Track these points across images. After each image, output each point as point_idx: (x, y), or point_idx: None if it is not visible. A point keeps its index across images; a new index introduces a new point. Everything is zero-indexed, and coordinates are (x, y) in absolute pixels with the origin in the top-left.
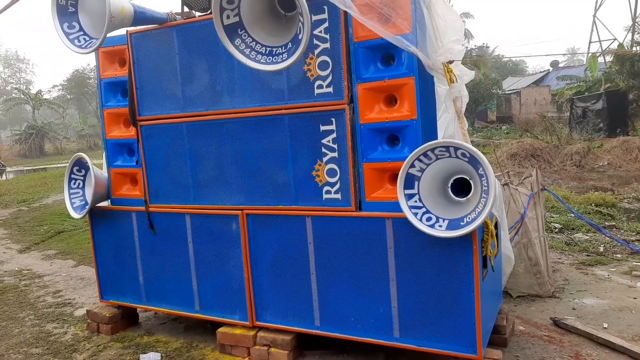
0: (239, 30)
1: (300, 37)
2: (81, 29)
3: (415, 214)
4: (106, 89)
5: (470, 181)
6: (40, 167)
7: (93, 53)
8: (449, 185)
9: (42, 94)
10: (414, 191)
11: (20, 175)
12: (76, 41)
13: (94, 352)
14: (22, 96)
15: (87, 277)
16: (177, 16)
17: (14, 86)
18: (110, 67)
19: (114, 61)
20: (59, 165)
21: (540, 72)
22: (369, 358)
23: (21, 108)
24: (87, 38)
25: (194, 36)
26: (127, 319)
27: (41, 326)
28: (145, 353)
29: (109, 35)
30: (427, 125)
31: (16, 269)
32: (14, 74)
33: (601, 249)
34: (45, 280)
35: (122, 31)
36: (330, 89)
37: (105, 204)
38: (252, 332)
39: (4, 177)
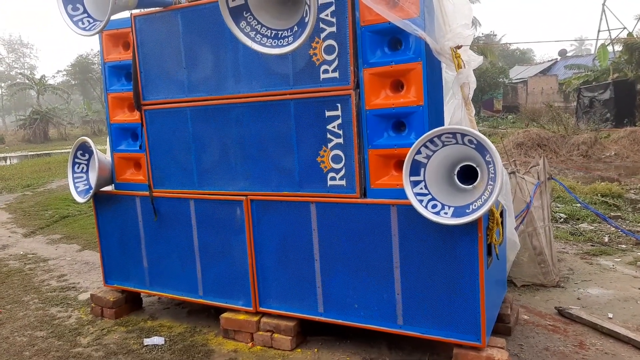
0: (245, 12)
1: (306, 20)
2: (85, 11)
3: (421, 201)
4: (110, 72)
5: (477, 168)
6: (45, 152)
7: (97, 37)
8: (455, 172)
9: (46, 79)
10: (420, 178)
11: (25, 160)
12: (80, 23)
13: (97, 336)
14: (27, 81)
15: (92, 261)
16: None
17: (18, 71)
18: (114, 51)
19: (118, 44)
20: (63, 150)
21: (548, 61)
22: (371, 345)
23: (25, 93)
24: (91, 20)
25: (198, 19)
26: (131, 303)
27: (45, 310)
28: (149, 337)
29: (113, 17)
30: (434, 111)
31: (21, 253)
32: (18, 59)
33: (606, 239)
34: (49, 265)
35: (126, 14)
36: (336, 74)
37: (109, 188)
38: (255, 318)
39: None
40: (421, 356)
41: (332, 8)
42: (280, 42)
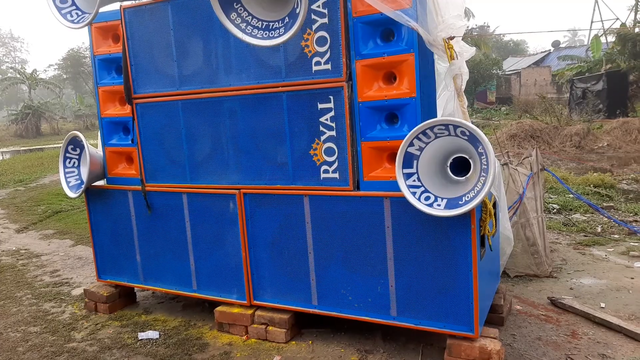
0: (235, 4)
1: (297, 11)
2: (74, 3)
3: (414, 193)
4: (100, 66)
5: (470, 160)
6: (37, 147)
7: (87, 29)
8: (448, 164)
9: (37, 73)
10: (413, 170)
11: (17, 155)
12: (68, 16)
13: (92, 331)
14: (18, 76)
15: (85, 256)
16: None
17: (9, 65)
18: (104, 44)
19: (107, 37)
20: (55, 145)
21: (541, 52)
22: (366, 336)
23: (17, 88)
24: (80, 13)
25: (189, 11)
26: (124, 298)
27: (39, 305)
28: (143, 331)
29: (102, 10)
30: (427, 103)
31: (13, 248)
32: (8, 53)
33: (599, 229)
34: (42, 260)
35: (115, 6)
36: (329, 66)
37: (101, 183)
38: (249, 311)
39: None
40: (415, 347)
41: None
42: (272, 33)
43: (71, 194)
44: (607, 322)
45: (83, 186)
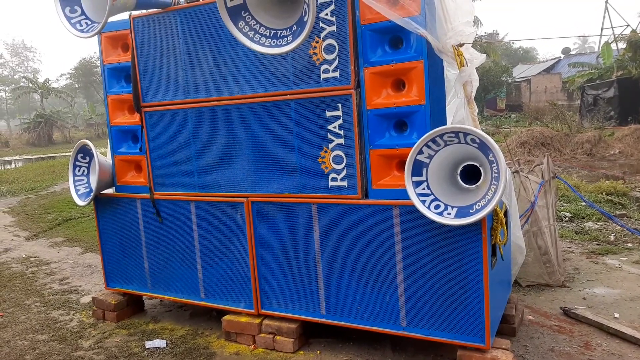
0: (243, 12)
1: (305, 19)
2: (83, 12)
3: (423, 202)
4: (110, 74)
5: (480, 168)
6: (49, 155)
7: (96, 38)
8: (458, 172)
9: (49, 82)
10: (422, 178)
11: (29, 163)
12: (78, 25)
13: (99, 339)
14: (30, 85)
15: (94, 264)
16: (180, 0)
17: (22, 75)
18: (114, 53)
19: (117, 46)
20: (66, 153)
21: (551, 59)
22: (375, 347)
23: (29, 97)
24: (89, 22)
25: (197, 20)
26: (132, 306)
27: (47, 313)
28: (150, 340)
29: (111, 19)
30: (436, 110)
31: (23, 256)
32: (21, 63)
33: (612, 238)
34: (52, 268)
35: (124, 15)
36: (337, 74)
37: (110, 191)
38: (257, 320)
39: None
40: (425, 358)
41: (332, 7)
42: (280, 41)
43: (80, 202)
44: (622, 333)
45: (92, 194)
